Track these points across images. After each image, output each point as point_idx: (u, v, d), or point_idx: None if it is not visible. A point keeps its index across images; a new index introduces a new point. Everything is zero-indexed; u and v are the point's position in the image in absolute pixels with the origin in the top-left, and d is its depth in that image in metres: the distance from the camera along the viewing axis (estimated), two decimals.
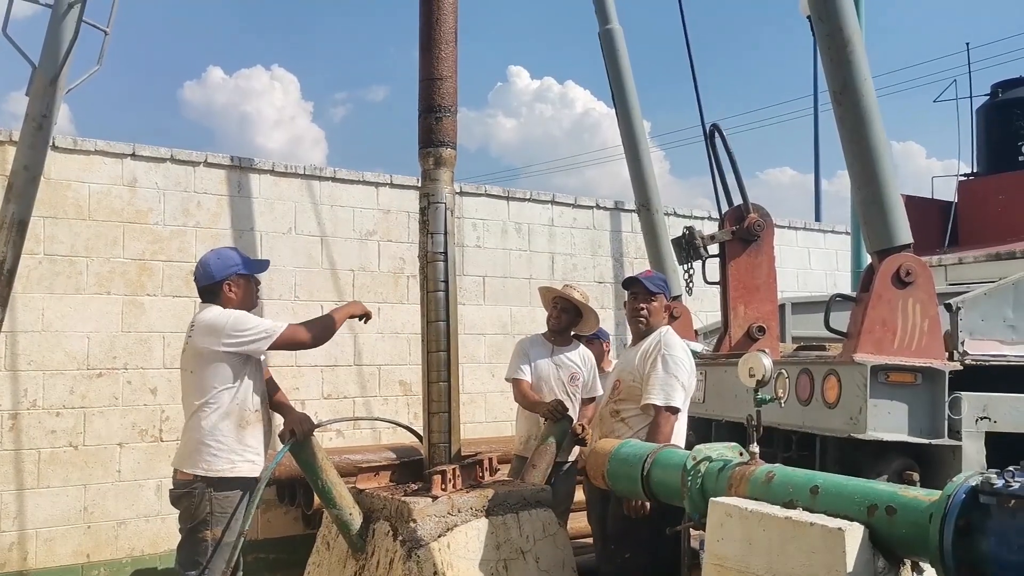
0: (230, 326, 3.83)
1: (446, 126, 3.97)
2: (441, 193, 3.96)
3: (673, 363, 4.02)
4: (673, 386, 3.97)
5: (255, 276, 4.10)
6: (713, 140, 5.83)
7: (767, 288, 5.62)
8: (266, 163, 6.69)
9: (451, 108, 3.98)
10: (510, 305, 7.43)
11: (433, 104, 3.96)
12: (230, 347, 3.82)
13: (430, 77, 3.97)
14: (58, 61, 4.54)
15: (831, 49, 4.46)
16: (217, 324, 3.83)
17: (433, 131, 3.96)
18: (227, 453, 3.82)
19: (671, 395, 3.95)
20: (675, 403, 3.95)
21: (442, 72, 3.96)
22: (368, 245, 7.02)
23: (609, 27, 7.00)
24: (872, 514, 2.32)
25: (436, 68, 3.96)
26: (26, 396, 5.68)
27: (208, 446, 3.82)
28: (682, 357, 4.06)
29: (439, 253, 3.92)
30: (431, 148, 3.96)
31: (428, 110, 3.97)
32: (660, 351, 4.07)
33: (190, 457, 3.86)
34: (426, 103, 3.97)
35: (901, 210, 4.40)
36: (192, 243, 6.24)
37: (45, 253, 5.78)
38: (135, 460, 5.96)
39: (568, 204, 8.11)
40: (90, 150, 5.99)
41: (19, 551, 5.62)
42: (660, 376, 3.99)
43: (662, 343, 4.12)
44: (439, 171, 3.96)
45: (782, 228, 8.86)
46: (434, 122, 3.95)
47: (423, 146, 3.98)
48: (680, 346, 4.11)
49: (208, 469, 3.81)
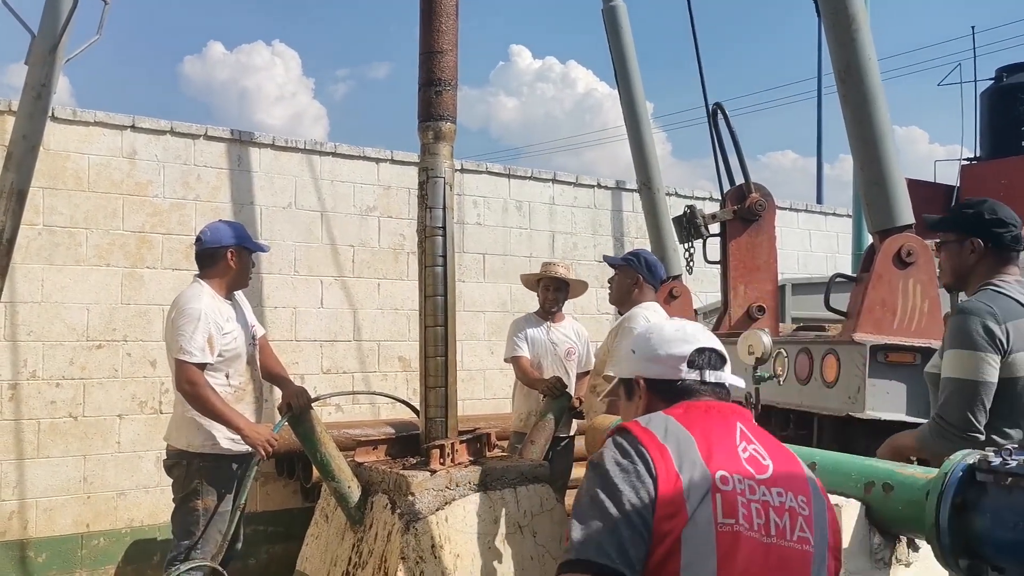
0: (176, 316, 3.88)
1: (446, 100, 3.94)
2: (440, 167, 3.93)
3: (630, 335, 4.02)
4: None
5: (253, 257, 4.18)
6: (716, 119, 5.82)
7: (767, 268, 5.62)
8: (266, 137, 6.66)
9: (451, 82, 3.95)
10: (510, 283, 7.42)
11: (433, 77, 3.92)
12: (169, 333, 3.91)
13: (430, 50, 3.93)
14: (57, 30, 4.50)
15: (836, 27, 4.44)
16: (174, 307, 3.93)
17: (433, 105, 3.93)
18: (208, 428, 3.86)
19: None
20: None
21: (442, 45, 3.93)
22: (368, 221, 7.00)
23: (613, 4, 6.95)
24: (869, 491, 2.33)
25: (436, 41, 3.92)
26: (26, 367, 5.69)
27: (190, 421, 3.87)
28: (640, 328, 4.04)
29: (437, 228, 3.90)
30: (430, 122, 3.93)
31: (428, 83, 3.93)
32: (623, 325, 4.11)
33: (176, 431, 3.96)
34: (426, 76, 3.94)
35: (903, 190, 4.39)
36: (192, 216, 6.22)
37: (44, 224, 5.76)
38: (134, 431, 5.98)
39: (569, 183, 8.09)
40: (89, 121, 5.96)
41: (19, 520, 5.64)
42: (618, 349, 4.02)
43: (627, 317, 4.16)
44: (438, 145, 3.94)
45: (784, 210, 8.83)
46: (434, 96, 3.92)
47: (422, 120, 3.95)
48: (642, 318, 4.06)
49: (190, 444, 3.89)
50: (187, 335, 3.79)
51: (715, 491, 1.60)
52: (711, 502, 1.59)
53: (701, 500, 1.58)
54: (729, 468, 1.65)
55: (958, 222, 2.92)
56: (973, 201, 2.96)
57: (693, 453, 1.64)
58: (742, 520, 1.59)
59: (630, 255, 4.40)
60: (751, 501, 1.63)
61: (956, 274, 2.93)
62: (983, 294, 2.76)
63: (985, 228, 2.83)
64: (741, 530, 1.59)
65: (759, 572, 1.59)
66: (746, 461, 1.69)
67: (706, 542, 1.56)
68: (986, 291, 2.76)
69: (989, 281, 2.79)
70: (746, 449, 1.72)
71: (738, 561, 1.58)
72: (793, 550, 1.64)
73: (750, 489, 1.64)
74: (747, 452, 1.71)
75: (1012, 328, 2.65)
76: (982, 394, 2.63)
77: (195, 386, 3.77)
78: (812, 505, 1.73)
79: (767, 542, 1.62)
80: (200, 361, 3.79)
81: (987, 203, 2.89)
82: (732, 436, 1.73)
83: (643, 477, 1.60)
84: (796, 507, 1.69)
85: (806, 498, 1.72)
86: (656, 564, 1.56)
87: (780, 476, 1.70)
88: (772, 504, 1.65)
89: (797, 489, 1.72)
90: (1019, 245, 2.85)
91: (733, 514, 1.59)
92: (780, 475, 1.70)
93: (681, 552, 1.56)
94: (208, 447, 3.87)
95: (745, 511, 1.61)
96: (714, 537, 1.57)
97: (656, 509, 1.57)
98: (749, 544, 1.60)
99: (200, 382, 3.78)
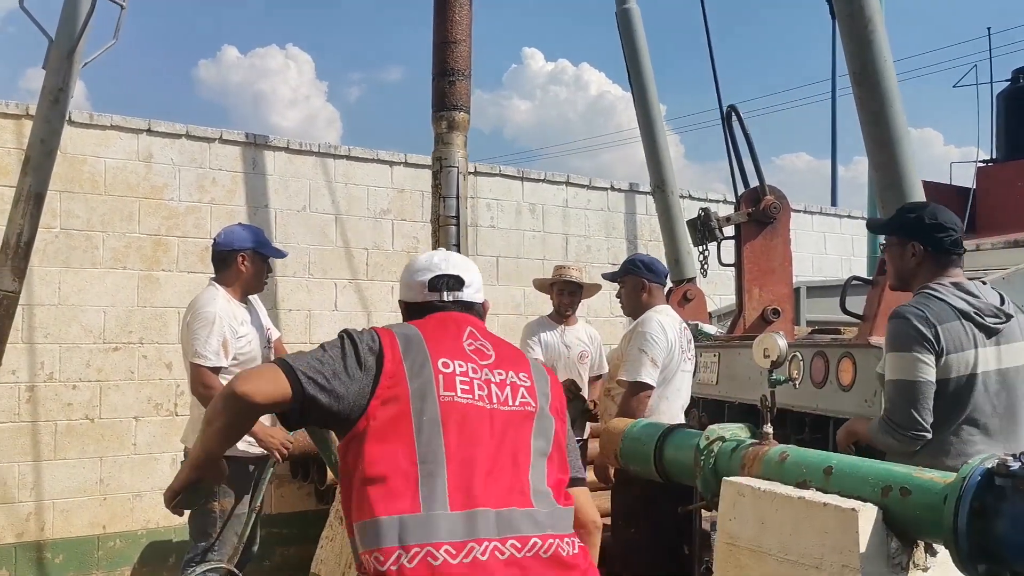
0: (191, 320, 3.91)
1: (459, 90, 3.94)
2: (454, 157, 3.94)
3: (643, 340, 4.02)
4: (641, 361, 3.97)
5: (269, 262, 4.17)
6: (730, 121, 5.80)
7: (782, 271, 5.60)
8: (281, 140, 6.69)
9: (465, 72, 3.95)
10: (523, 285, 7.42)
11: (447, 68, 3.93)
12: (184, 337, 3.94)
13: (444, 41, 3.94)
14: (74, 35, 4.55)
15: (852, 29, 4.42)
16: (189, 311, 3.95)
17: (446, 95, 3.94)
18: None
19: (638, 370, 3.95)
20: (642, 378, 3.95)
21: (456, 36, 3.94)
22: (382, 224, 7.02)
23: (626, 6, 6.96)
24: (886, 495, 2.31)
25: (450, 31, 3.93)
26: (43, 369, 5.73)
27: None
28: (654, 333, 4.03)
29: (451, 217, 3.92)
30: (444, 112, 3.94)
31: (442, 74, 3.94)
32: (636, 329, 4.10)
33: (192, 433, 3.97)
34: (440, 67, 3.95)
35: (920, 193, 4.36)
36: (207, 219, 6.26)
37: (61, 227, 5.81)
38: (150, 433, 6.01)
39: (583, 185, 8.08)
40: (106, 125, 6.00)
41: (36, 521, 5.69)
42: (630, 353, 4.02)
43: (640, 321, 4.14)
44: (452, 135, 3.94)
45: (798, 212, 8.79)
46: (447, 86, 3.93)
47: (436, 110, 3.96)
48: (655, 322, 4.07)
49: None
50: (201, 339, 3.82)
51: (437, 372, 1.98)
52: (433, 379, 1.96)
53: (422, 376, 1.96)
54: (451, 356, 2.03)
55: (899, 226, 3.02)
56: (915, 205, 3.11)
57: (419, 345, 2.03)
58: (461, 393, 1.97)
59: (626, 264, 4.38)
60: (473, 379, 2.01)
61: (898, 276, 3.04)
62: (917, 298, 2.86)
63: (925, 232, 2.92)
64: (461, 401, 1.96)
65: (480, 428, 1.95)
66: (471, 352, 2.09)
67: (431, 409, 1.92)
68: (920, 294, 2.87)
69: (926, 285, 2.88)
70: (471, 344, 2.11)
71: (462, 423, 1.93)
72: (514, 412, 2.02)
73: (472, 370, 2.03)
74: (472, 346, 2.11)
75: (944, 331, 2.75)
76: (923, 393, 2.75)
77: (210, 389, 3.79)
78: (534, 378, 2.12)
79: (490, 408, 1.99)
80: (214, 365, 3.81)
81: (928, 207, 3.00)
82: (460, 335, 2.12)
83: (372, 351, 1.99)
84: (517, 381, 2.08)
85: (527, 374, 2.12)
86: (389, 422, 1.91)
87: (502, 360, 2.11)
88: (493, 381, 2.04)
89: (518, 368, 2.12)
90: (958, 249, 2.94)
91: (452, 388, 1.97)
92: (502, 359, 2.11)
93: (411, 416, 1.91)
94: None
95: (466, 387, 1.99)
96: (437, 405, 1.93)
97: (380, 379, 1.94)
98: (470, 409, 1.96)
99: (215, 385, 3.79)
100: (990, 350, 2.81)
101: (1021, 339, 2.89)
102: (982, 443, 2.77)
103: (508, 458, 1.95)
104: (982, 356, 2.79)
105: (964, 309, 2.79)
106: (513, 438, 1.98)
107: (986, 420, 2.80)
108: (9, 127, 5.69)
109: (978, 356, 2.78)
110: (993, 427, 2.81)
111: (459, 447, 1.90)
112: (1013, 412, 2.86)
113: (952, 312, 2.78)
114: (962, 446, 2.78)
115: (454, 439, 1.91)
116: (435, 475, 1.86)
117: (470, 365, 2.04)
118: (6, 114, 5.69)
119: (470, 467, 1.89)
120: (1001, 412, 2.82)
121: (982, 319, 2.81)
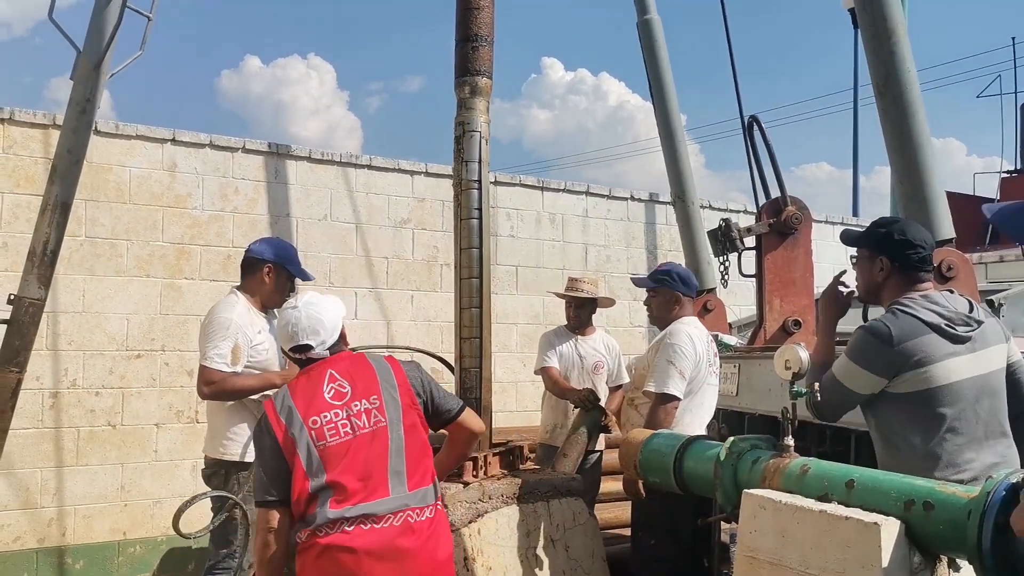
0: (207, 324, 3.95)
1: (482, 55, 3.94)
2: (476, 122, 3.93)
3: (672, 351, 3.98)
4: (669, 373, 3.93)
5: (293, 280, 4.19)
6: (752, 132, 5.77)
7: (803, 282, 5.56)
8: (303, 150, 6.74)
9: (488, 38, 3.95)
10: (543, 295, 7.43)
11: (470, 33, 3.93)
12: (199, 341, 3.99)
13: (468, 6, 3.94)
14: (102, 46, 4.60)
15: (875, 40, 4.39)
16: (206, 318, 4.00)
17: (470, 60, 3.93)
18: (241, 439, 3.90)
19: (665, 382, 3.92)
20: (669, 390, 3.91)
21: (479, 2, 3.95)
22: (402, 233, 7.05)
23: (648, 17, 6.95)
24: (909, 509, 2.28)
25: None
26: (66, 375, 5.79)
27: (223, 432, 3.91)
28: (683, 345, 3.99)
29: (473, 181, 3.91)
30: (467, 77, 3.93)
31: (465, 39, 3.94)
32: (665, 340, 4.07)
33: (211, 441, 4.01)
34: (463, 32, 3.95)
35: (944, 204, 4.32)
36: (229, 228, 6.31)
37: (87, 235, 5.88)
38: (171, 440, 6.06)
39: (603, 195, 8.08)
40: (131, 135, 6.08)
41: (58, 527, 5.74)
42: (658, 364, 3.98)
43: (668, 332, 4.10)
44: (475, 100, 3.93)
45: (819, 223, 8.75)
46: (471, 51, 3.93)
47: (459, 75, 3.96)
48: (684, 334, 4.04)
49: (224, 453, 3.94)
50: (212, 342, 3.86)
51: (309, 429, 2.72)
52: (307, 436, 2.72)
53: (301, 437, 2.71)
54: (317, 411, 2.74)
55: (869, 240, 3.06)
56: (887, 220, 3.12)
57: (293, 412, 2.74)
58: (330, 439, 2.71)
59: (662, 274, 4.31)
60: (335, 422, 2.73)
61: (867, 289, 3.08)
62: (887, 315, 2.90)
63: (894, 248, 2.95)
64: (331, 444, 2.71)
65: (354, 457, 2.70)
66: (330, 398, 2.77)
67: (314, 459, 2.70)
68: (890, 311, 2.90)
69: (897, 300, 2.91)
70: (331, 388, 2.78)
71: (339, 460, 2.70)
72: (369, 432, 2.74)
73: (334, 415, 2.74)
74: (331, 390, 2.78)
75: (913, 346, 2.78)
76: (845, 399, 2.95)
77: (213, 384, 3.84)
78: (381, 395, 2.80)
79: (352, 438, 2.73)
80: (218, 368, 3.84)
81: (899, 223, 3.04)
82: (321, 385, 2.79)
83: (270, 435, 2.74)
84: (368, 406, 2.77)
85: (376, 395, 2.79)
86: (299, 478, 2.69)
87: (357, 392, 2.79)
88: (352, 414, 2.75)
89: (368, 393, 2.79)
90: (926, 266, 2.97)
91: (323, 437, 2.71)
92: (357, 391, 2.79)
93: (304, 468, 2.69)
94: (242, 455, 3.91)
95: (332, 431, 2.72)
96: (317, 454, 2.70)
97: (282, 451, 2.71)
98: (340, 447, 2.71)
99: (217, 378, 3.83)
100: (964, 359, 2.81)
101: (995, 343, 2.89)
102: (970, 451, 2.77)
103: (378, 462, 2.75)
104: (955, 366, 2.79)
105: (934, 322, 2.81)
106: (379, 452, 2.74)
107: (970, 428, 2.79)
108: (37, 136, 5.78)
109: (952, 366, 2.79)
110: (978, 434, 2.80)
111: (340, 473, 2.71)
112: (997, 416, 2.85)
113: (922, 326, 2.80)
114: (950, 456, 2.77)
115: (334, 468, 2.70)
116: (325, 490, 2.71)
117: (332, 412, 2.74)
118: (34, 124, 5.78)
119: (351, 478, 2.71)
120: (985, 418, 2.82)
121: (953, 329, 2.81)
